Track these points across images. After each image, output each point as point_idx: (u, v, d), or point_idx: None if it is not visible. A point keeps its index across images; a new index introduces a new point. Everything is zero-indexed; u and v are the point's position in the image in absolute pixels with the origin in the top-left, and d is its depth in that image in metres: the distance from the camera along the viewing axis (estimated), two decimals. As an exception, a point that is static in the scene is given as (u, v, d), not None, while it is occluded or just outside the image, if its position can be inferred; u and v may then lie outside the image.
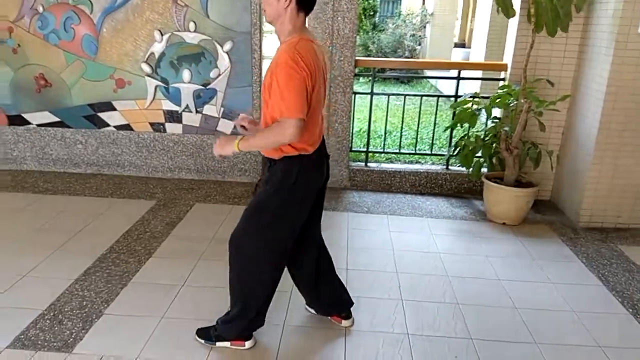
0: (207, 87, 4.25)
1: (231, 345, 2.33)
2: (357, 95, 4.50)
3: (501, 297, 2.86)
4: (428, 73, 9.43)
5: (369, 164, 4.57)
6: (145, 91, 4.29)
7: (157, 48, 4.15)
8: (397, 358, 2.32)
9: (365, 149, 4.61)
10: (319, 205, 2.36)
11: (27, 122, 4.42)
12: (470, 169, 4.02)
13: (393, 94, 4.85)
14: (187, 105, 4.29)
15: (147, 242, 3.32)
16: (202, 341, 2.36)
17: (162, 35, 4.12)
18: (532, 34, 3.53)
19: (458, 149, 4.05)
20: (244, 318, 2.27)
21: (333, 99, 4.24)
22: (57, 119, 4.40)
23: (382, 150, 4.86)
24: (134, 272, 2.95)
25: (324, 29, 4.05)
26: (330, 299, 2.50)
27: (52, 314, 2.53)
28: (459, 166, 4.39)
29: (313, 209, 2.27)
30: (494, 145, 3.97)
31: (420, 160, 4.88)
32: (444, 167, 4.58)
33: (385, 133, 4.89)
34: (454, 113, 4.10)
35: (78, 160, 4.51)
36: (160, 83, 4.25)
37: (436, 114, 4.64)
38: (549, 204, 4.29)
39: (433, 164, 4.78)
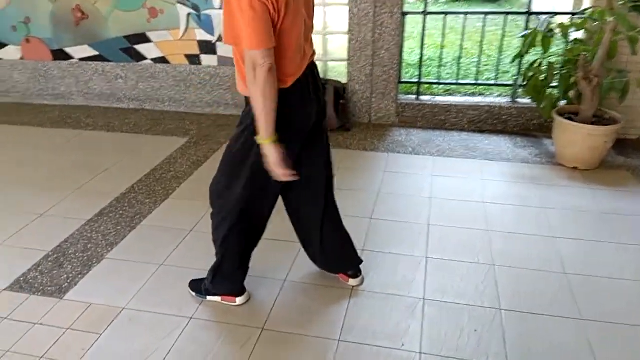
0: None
1: (222, 300, 2.14)
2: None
3: (550, 260, 2.38)
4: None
5: (420, 97, 4.04)
6: (178, 20, 4.03)
7: (185, -29, 3.85)
8: (402, 326, 2.00)
9: (417, 80, 4.05)
10: (318, 145, 1.99)
11: (70, 57, 4.40)
12: (542, 104, 3.38)
13: (450, 13, 4.13)
14: (220, 34, 3.99)
15: (168, 182, 3.19)
16: (194, 294, 2.19)
17: (190, -44, 3.79)
18: None
19: (527, 79, 3.41)
20: (225, 274, 2.06)
21: (378, 21, 3.71)
22: (96, 53, 4.32)
23: (436, 80, 4.26)
24: (147, 214, 2.84)
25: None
26: (334, 255, 2.19)
27: (55, 256, 2.49)
28: (528, 99, 3.74)
29: (308, 150, 1.93)
30: (571, 75, 3.27)
31: (484, 92, 4.25)
32: (511, 99, 3.93)
33: (441, 61, 4.26)
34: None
35: (120, 95, 4.46)
36: (191, 10, 3.97)
37: (503, 36, 3.91)
38: (637, 145, 3.55)
39: (499, 95, 4.13)
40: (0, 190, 3.13)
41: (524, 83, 3.41)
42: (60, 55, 4.41)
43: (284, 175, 1.75)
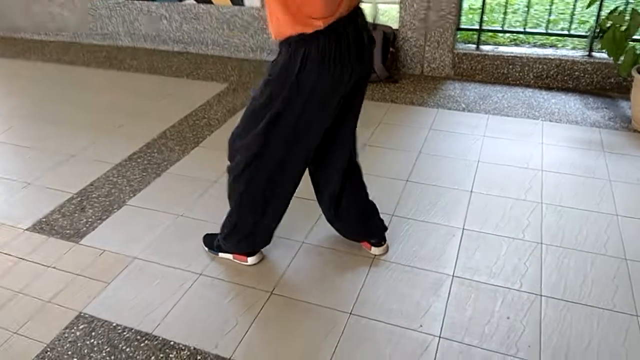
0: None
1: (233, 258, 2.02)
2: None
3: (609, 241, 2.06)
4: None
5: (481, 47, 3.62)
6: (222, -44, 3.80)
7: None
8: (423, 305, 1.79)
9: (477, 27, 3.62)
10: (356, 104, 1.76)
11: (116, -5, 4.31)
12: (620, 59, 2.91)
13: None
14: (265, -28, 3.72)
15: (200, 129, 3.07)
16: (206, 249, 2.09)
17: None
18: None
19: (604, 30, 2.93)
20: (238, 233, 1.91)
21: (437, -41, 3.29)
22: (141, -9, 4.21)
23: (500, 28, 3.77)
24: (174, 161, 2.75)
25: None
26: (355, 222, 1.99)
27: (79, 199, 2.46)
28: (605, 52, 3.25)
29: (342, 108, 1.70)
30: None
31: (555, 43, 3.74)
32: (586, 53, 3.44)
33: (507, 6, 3.76)
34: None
35: (165, 37, 4.34)
36: (235, -54, 3.72)
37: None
38: None
39: (574, 48, 3.63)
40: (36, 130, 3.15)
41: (601, 34, 2.93)
42: (106, -7, 4.33)
43: None
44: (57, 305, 1.86)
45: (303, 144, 1.68)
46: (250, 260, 2.00)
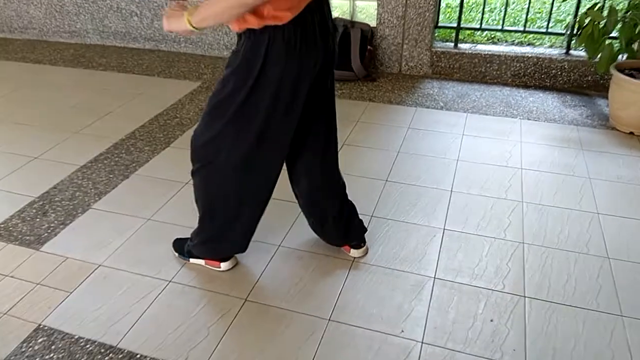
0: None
1: (205, 264, 1.92)
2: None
3: (591, 240, 2.02)
4: None
5: (459, 45, 3.58)
6: (194, -49, 3.68)
7: None
8: (404, 309, 1.72)
9: (455, 25, 3.58)
10: (323, 99, 1.66)
11: (83, -9, 4.15)
12: (597, 57, 2.90)
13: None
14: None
15: (172, 129, 2.95)
16: (177, 254, 1.98)
17: None
18: None
19: (582, 27, 2.91)
20: (210, 239, 1.81)
21: (414, -45, 3.25)
22: (110, -13, 4.06)
23: (478, 26, 3.74)
24: (143, 162, 2.62)
25: None
26: (338, 231, 1.91)
27: (41, 203, 2.32)
28: (582, 50, 3.25)
29: (312, 105, 1.61)
30: (636, 24, 2.76)
31: (533, 41, 3.74)
32: (563, 51, 3.43)
33: (485, 4, 3.74)
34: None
35: (136, 34, 4.20)
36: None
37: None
38: None
39: (551, 46, 3.63)
40: (-1, 130, 2.99)
41: (579, 31, 2.92)
42: (73, -12, 4.17)
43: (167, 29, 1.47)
44: (15, 318, 1.72)
45: (274, 140, 1.58)
46: (224, 265, 1.89)
